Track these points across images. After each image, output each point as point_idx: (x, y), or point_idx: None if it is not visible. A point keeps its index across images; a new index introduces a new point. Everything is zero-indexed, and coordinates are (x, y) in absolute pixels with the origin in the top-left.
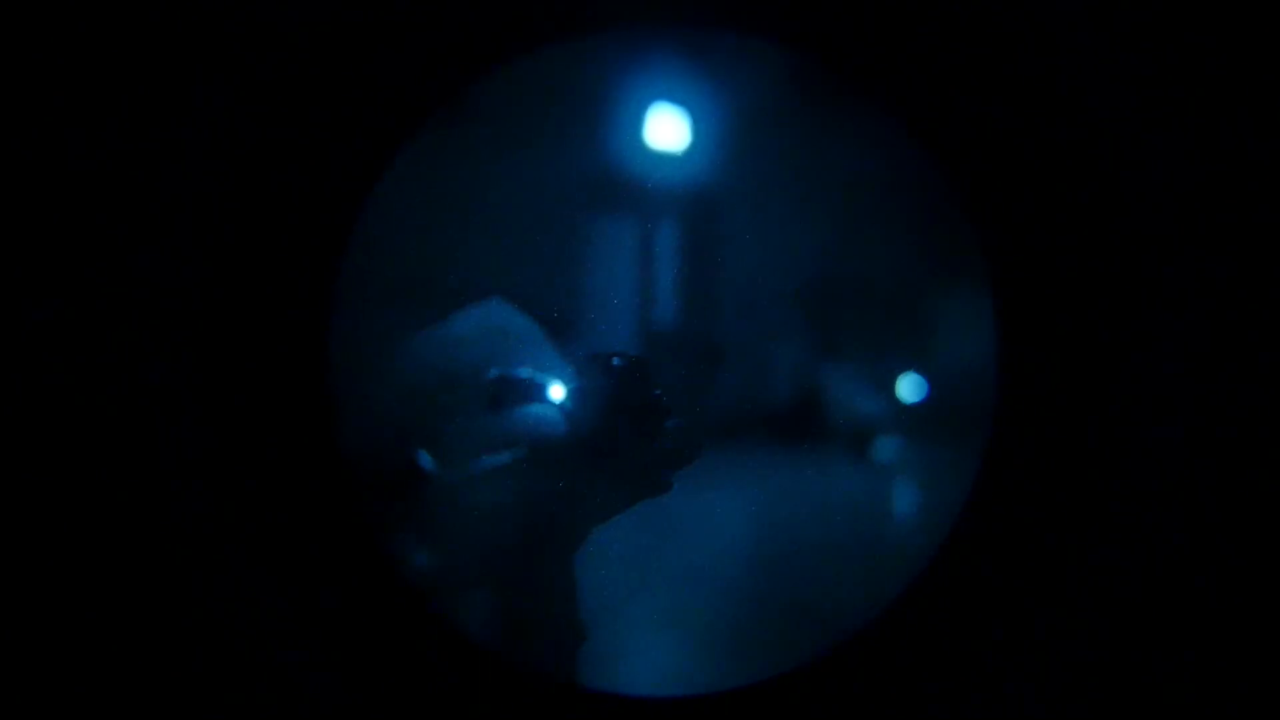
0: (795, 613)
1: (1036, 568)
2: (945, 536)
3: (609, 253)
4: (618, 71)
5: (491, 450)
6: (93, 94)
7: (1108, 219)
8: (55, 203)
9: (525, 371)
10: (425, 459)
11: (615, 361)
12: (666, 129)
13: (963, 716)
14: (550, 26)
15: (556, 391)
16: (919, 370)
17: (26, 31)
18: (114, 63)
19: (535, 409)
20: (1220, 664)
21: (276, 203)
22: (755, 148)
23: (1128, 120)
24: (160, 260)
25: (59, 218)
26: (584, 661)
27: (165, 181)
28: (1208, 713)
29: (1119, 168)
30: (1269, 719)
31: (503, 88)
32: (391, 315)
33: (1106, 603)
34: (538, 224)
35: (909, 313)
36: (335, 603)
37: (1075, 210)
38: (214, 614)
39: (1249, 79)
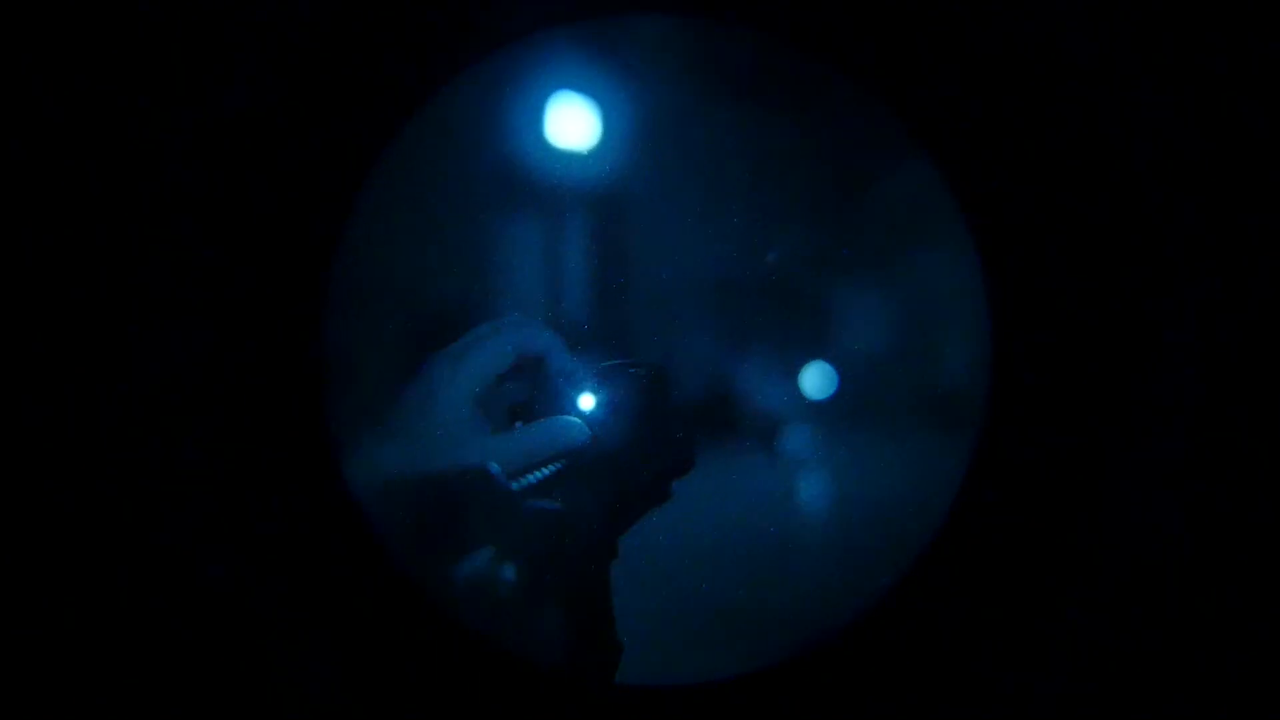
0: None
1: (1029, 563)
2: (932, 534)
3: (518, 253)
4: (525, 68)
5: (527, 463)
6: (79, 94)
7: (1103, 211)
8: (41, 207)
9: (557, 381)
10: (494, 466)
11: (635, 370)
12: (573, 126)
13: (955, 713)
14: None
15: (586, 401)
16: (831, 362)
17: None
18: (88, 64)
19: (563, 420)
20: (1219, 663)
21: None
22: (665, 142)
23: (1121, 103)
24: (149, 258)
25: (42, 223)
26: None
27: (153, 179)
28: (1206, 712)
29: (1113, 155)
30: (1268, 708)
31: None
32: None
33: (1105, 600)
34: (447, 225)
35: (821, 306)
36: (335, 600)
37: (1068, 195)
38: (208, 610)
39: (1248, 80)
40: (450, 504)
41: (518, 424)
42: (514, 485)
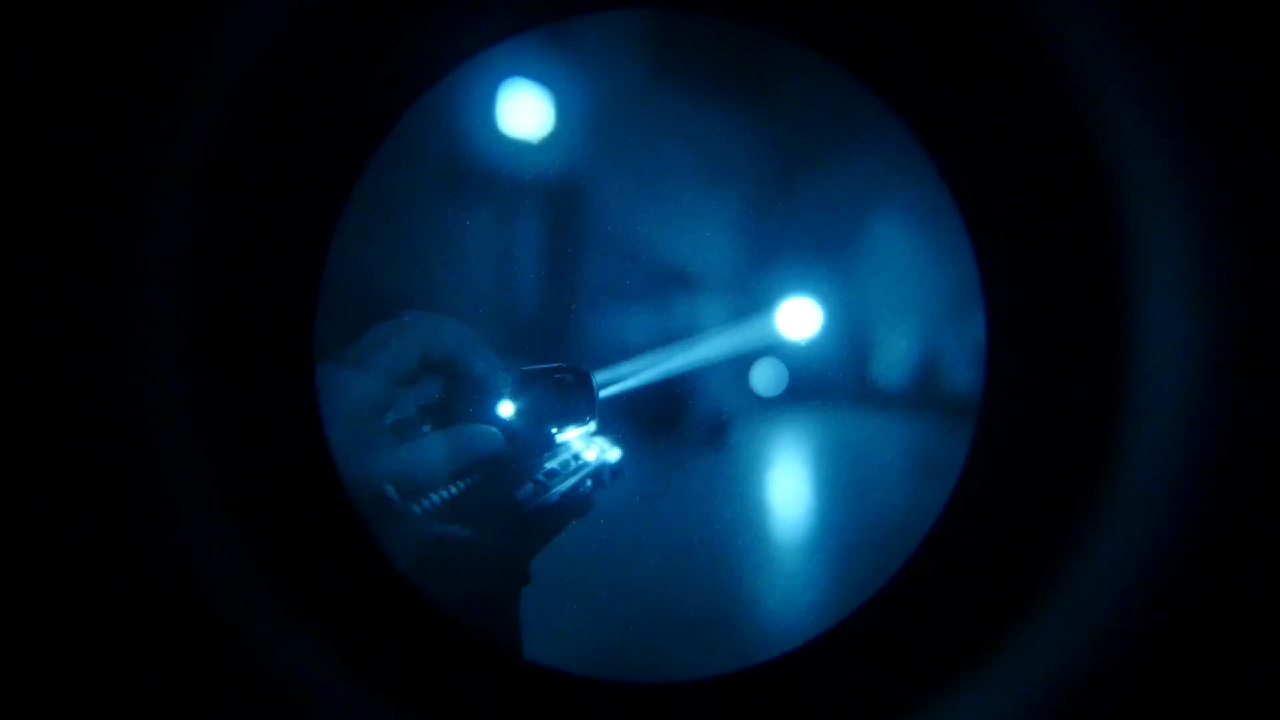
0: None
1: (1024, 561)
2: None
3: (469, 242)
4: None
5: (434, 477)
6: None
7: (1098, 209)
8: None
9: (470, 384)
10: (390, 489)
11: (560, 376)
12: (526, 115)
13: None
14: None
15: (505, 408)
16: (778, 357)
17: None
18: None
19: (474, 428)
20: (1217, 662)
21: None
22: (617, 133)
23: (1114, 104)
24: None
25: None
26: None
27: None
28: (1205, 711)
29: (1107, 155)
30: (1266, 698)
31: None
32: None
33: (1100, 598)
34: (396, 215)
35: (774, 300)
36: (333, 600)
37: (1063, 192)
38: (205, 610)
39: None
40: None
41: (424, 430)
42: (416, 506)
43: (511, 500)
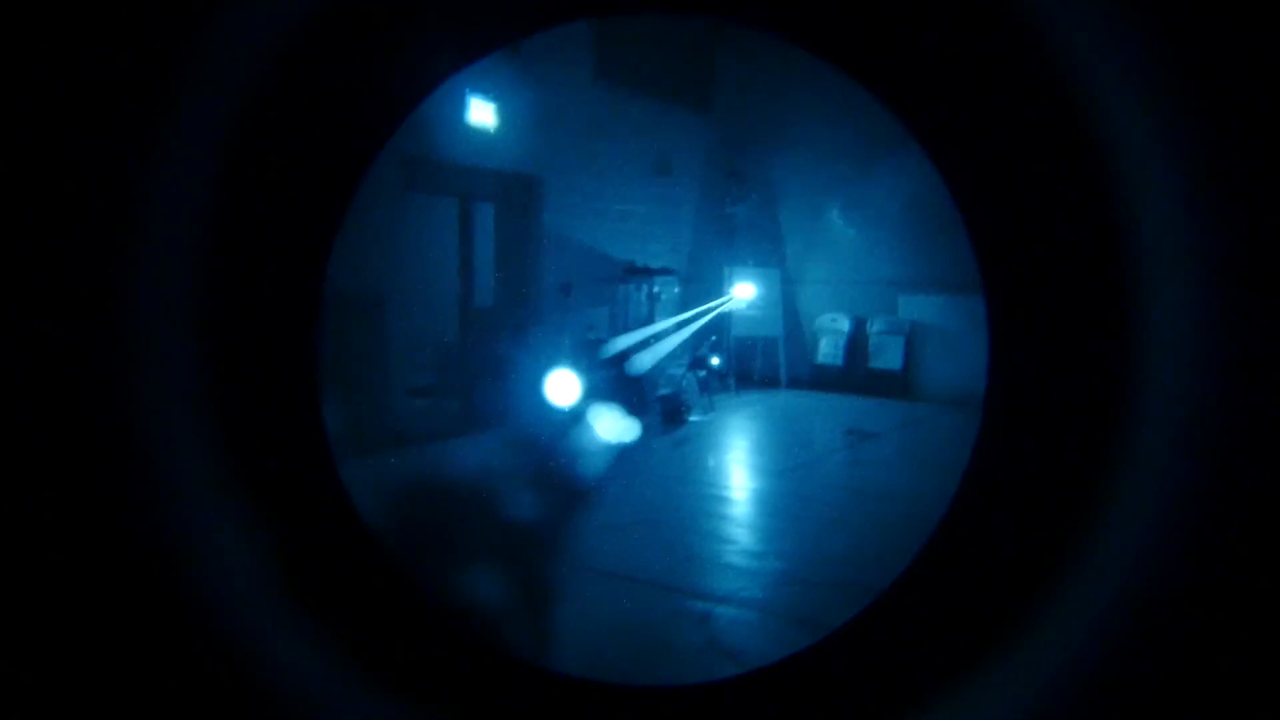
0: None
1: (1023, 566)
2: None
3: (428, 230)
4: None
5: None
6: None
7: (1099, 210)
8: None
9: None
10: None
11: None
12: (481, 111)
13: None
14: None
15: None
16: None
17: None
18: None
19: None
20: (1214, 660)
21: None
22: (567, 132)
23: (1116, 106)
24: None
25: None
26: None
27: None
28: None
29: (1108, 159)
30: (1263, 688)
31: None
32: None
33: (1097, 599)
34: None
35: (717, 289)
36: (335, 601)
37: (1064, 193)
38: (205, 611)
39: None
40: None
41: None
42: None
43: None
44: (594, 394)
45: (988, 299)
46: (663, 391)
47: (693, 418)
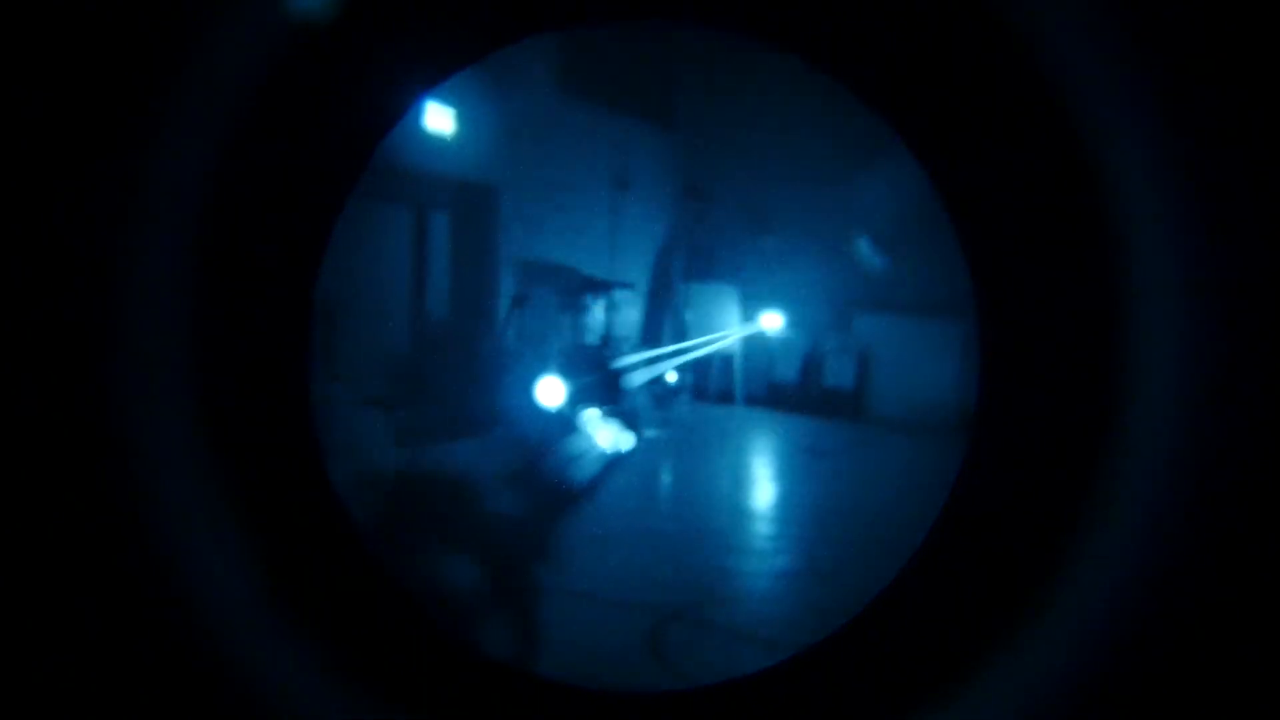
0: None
1: (1014, 575)
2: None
3: (382, 239)
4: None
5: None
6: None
7: (1088, 217)
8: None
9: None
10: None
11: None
12: (439, 118)
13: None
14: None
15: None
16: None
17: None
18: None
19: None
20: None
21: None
22: (527, 143)
23: (1103, 114)
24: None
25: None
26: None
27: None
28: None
29: (1095, 163)
30: (1259, 680)
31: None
32: None
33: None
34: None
35: (675, 305)
36: (319, 597)
37: (1053, 201)
38: (200, 613)
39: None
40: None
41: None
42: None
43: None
44: (586, 400)
45: (978, 314)
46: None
47: (648, 433)
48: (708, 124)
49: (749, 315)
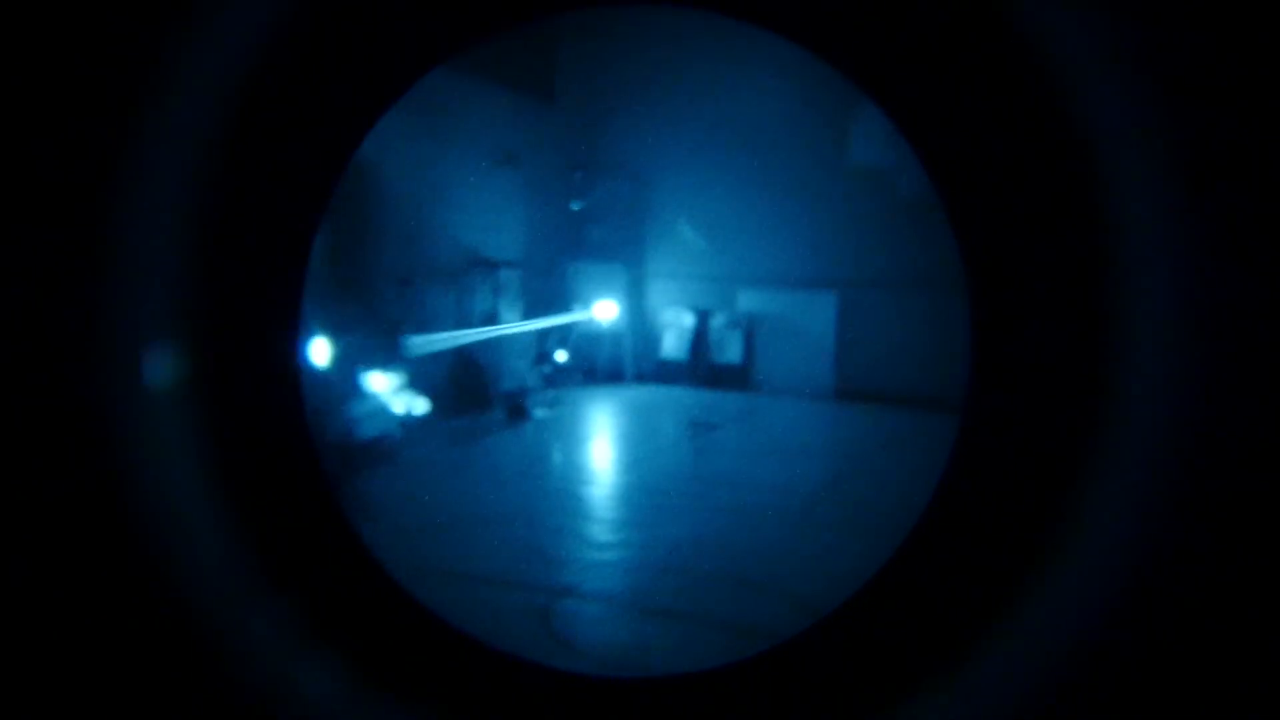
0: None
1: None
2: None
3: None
4: None
5: None
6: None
7: (1082, 205)
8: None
9: None
10: None
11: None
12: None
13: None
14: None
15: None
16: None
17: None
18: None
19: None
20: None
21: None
22: (404, 117)
23: (1100, 107)
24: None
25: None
26: None
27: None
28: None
29: (1091, 155)
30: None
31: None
32: None
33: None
34: None
35: (560, 283)
36: (310, 583)
37: (1047, 188)
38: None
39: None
40: None
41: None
42: None
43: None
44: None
45: (971, 300)
46: (506, 387)
47: (537, 413)
48: (591, 97)
49: (636, 292)
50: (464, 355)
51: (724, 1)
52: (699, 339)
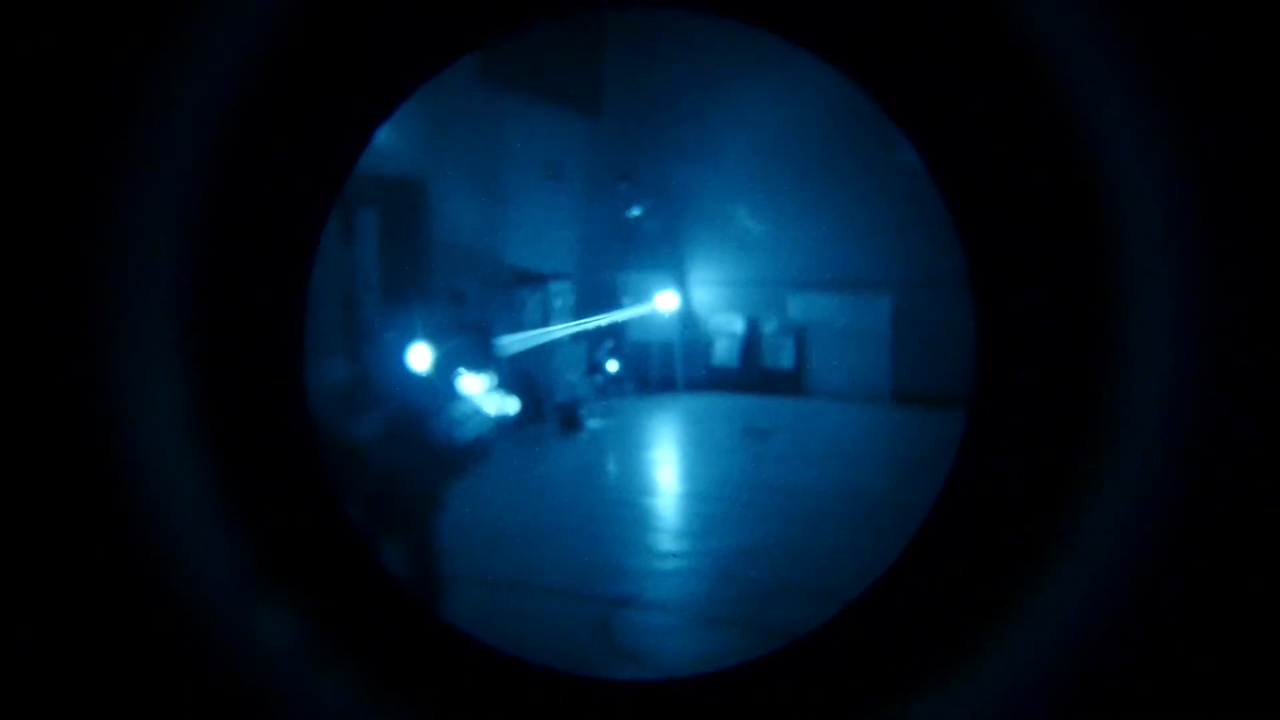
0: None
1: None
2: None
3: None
4: None
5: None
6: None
7: (1083, 206)
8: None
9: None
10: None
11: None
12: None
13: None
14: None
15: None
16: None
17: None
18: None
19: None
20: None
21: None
22: (453, 135)
23: (1100, 104)
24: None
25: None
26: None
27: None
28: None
29: (1094, 155)
30: (1251, 670)
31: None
32: None
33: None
34: None
35: (613, 294)
36: (313, 584)
37: (1049, 188)
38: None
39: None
40: None
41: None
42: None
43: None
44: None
45: (975, 301)
46: (560, 399)
47: (591, 423)
48: (638, 111)
49: (685, 300)
50: (517, 368)
51: (724, 3)
52: (750, 345)
